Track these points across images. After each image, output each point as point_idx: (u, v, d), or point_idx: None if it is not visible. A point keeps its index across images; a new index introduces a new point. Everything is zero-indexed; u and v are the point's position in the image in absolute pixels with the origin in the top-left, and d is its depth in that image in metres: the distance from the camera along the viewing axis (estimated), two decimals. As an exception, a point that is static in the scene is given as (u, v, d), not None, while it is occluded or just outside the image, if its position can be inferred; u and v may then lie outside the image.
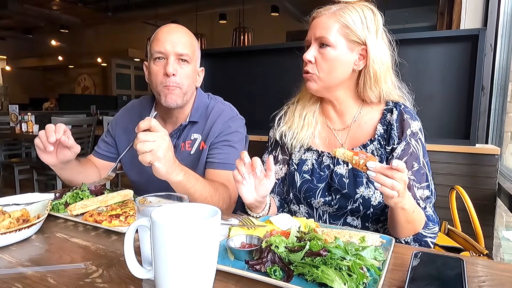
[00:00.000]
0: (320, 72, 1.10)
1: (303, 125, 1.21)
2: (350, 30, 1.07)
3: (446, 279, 0.65)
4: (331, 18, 1.09)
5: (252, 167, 0.96)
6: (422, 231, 1.01)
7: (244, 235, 0.81)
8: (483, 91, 2.04)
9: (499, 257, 1.89)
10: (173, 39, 1.25)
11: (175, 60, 1.25)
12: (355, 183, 1.11)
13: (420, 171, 1.07)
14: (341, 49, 1.08)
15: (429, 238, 1.02)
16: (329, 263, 0.65)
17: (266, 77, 2.47)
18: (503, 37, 2.13)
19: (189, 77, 1.29)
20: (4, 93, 13.56)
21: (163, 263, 0.57)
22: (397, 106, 1.14)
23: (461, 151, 1.92)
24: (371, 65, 1.08)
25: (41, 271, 0.71)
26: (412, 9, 6.93)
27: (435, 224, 1.04)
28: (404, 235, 1.01)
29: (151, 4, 8.23)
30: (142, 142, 0.93)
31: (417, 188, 1.06)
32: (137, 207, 0.69)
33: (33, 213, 0.98)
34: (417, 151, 1.08)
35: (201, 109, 1.38)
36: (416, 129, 1.11)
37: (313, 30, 1.11)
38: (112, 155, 1.48)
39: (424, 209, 1.04)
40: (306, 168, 1.19)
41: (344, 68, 1.10)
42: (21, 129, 4.48)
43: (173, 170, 1.01)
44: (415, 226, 0.99)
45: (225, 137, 1.33)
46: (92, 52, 12.30)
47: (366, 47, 1.08)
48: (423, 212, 1.02)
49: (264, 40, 7.21)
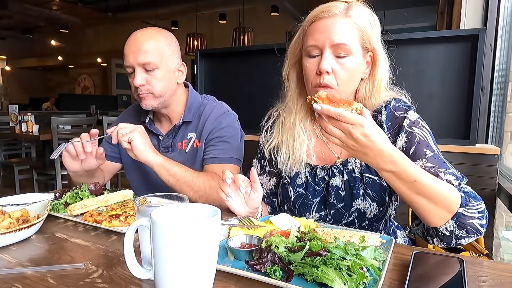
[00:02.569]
0: (340, 84, 0.97)
1: (295, 148, 1.09)
2: (365, 35, 0.97)
3: (446, 279, 0.65)
4: (347, 20, 0.95)
5: (235, 185, 0.94)
6: (463, 211, 0.84)
7: (244, 235, 0.81)
8: (483, 91, 2.04)
9: (499, 257, 1.89)
10: (134, 50, 1.25)
11: (141, 70, 1.26)
12: (352, 195, 1.04)
13: (438, 158, 0.94)
14: (358, 56, 0.97)
15: (475, 219, 0.85)
16: (329, 263, 0.65)
17: (266, 77, 2.47)
18: (503, 37, 2.13)
19: (160, 81, 1.29)
20: (4, 93, 13.56)
21: (163, 263, 0.57)
22: (387, 106, 1.05)
23: (461, 151, 1.92)
24: (377, 72, 1.00)
25: (41, 271, 0.71)
26: (412, 9, 6.93)
27: (478, 200, 0.87)
28: (436, 217, 0.85)
29: (151, 4, 8.23)
30: (123, 128, 1.16)
31: (444, 173, 0.91)
32: (137, 207, 0.69)
33: (33, 213, 0.98)
34: (425, 138, 0.97)
35: (194, 108, 1.40)
36: (414, 118, 1.01)
37: (325, 34, 0.95)
38: (116, 155, 1.52)
39: (459, 186, 0.89)
40: (299, 182, 1.11)
41: (358, 78, 1.01)
42: (21, 129, 4.48)
43: (150, 151, 1.19)
44: (439, 199, 0.83)
45: (218, 133, 1.36)
46: (92, 52, 12.29)
47: (374, 53, 1.00)
48: (445, 183, 0.87)
49: (264, 40, 7.20)
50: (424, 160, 0.94)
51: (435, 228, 0.88)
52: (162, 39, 1.30)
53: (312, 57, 0.99)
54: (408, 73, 2.06)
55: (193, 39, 7.60)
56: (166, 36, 1.32)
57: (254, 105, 2.44)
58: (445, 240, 0.89)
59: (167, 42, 1.32)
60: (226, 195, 0.95)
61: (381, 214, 1.05)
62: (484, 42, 1.89)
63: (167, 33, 1.35)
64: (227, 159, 1.33)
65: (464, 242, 0.87)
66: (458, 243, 0.87)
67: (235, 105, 1.48)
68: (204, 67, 2.70)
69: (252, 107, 2.29)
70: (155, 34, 1.30)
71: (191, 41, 7.57)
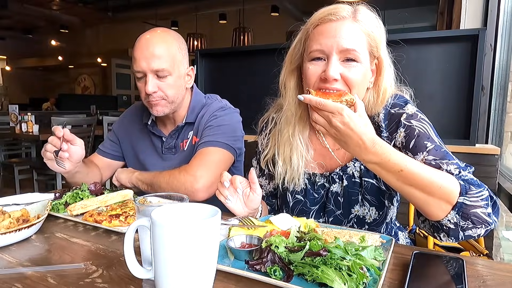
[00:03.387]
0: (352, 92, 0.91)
1: (293, 162, 1.05)
2: (374, 41, 0.92)
3: (446, 279, 0.65)
4: (355, 24, 0.90)
5: (233, 187, 0.94)
6: (463, 200, 0.79)
7: (244, 235, 0.81)
8: (483, 91, 2.04)
9: (499, 257, 1.89)
10: (147, 55, 1.20)
11: (153, 77, 1.22)
12: (350, 202, 1.03)
13: (440, 150, 0.90)
14: (366, 64, 0.92)
15: (479, 208, 0.79)
16: (329, 263, 0.65)
17: (266, 77, 2.46)
18: (503, 37, 2.13)
19: (172, 87, 1.26)
20: (4, 93, 13.56)
21: (163, 263, 0.57)
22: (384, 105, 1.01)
23: (461, 151, 1.92)
24: (382, 81, 0.96)
25: (41, 271, 0.71)
26: (412, 9, 6.93)
27: (481, 187, 0.82)
28: (435, 209, 0.81)
29: (151, 4, 8.23)
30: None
31: (446, 164, 0.86)
32: (137, 207, 0.69)
33: (33, 213, 0.98)
34: (425, 130, 0.93)
35: (197, 109, 1.39)
36: (411, 111, 0.96)
37: (332, 38, 0.89)
38: (117, 153, 1.51)
39: (458, 174, 0.84)
40: (298, 189, 1.08)
41: (366, 86, 0.96)
42: (21, 129, 4.48)
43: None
44: (434, 188, 0.79)
45: (210, 122, 1.33)
46: (92, 52, 12.29)
47: (379, 61, 0.95)
48: (439, 173, 0.82)
49: (264, 40, 7.20)
50: (426, 153, 0.90)
51: (438, 222, 0.83)
52: (174, 42, 1.26)
53: (315, 61, 0.92)
54: (408, 73, 2.05)
55: (193, 39, 7.61)
56: (176, 39, 1.28)
57: (254, 105, 2.44)
58: (452, 234, 0.82)
59: (178, 45, 1.27)
60: (224, 198, 0.95)
61: (381, 218, 1.05)
62: (484, 42, 1.89)
63: (177, 35, 1.31)
64: (216, 143, 1.27)
65: (473, 233, 0.81)
66: (467, 236, 0.82)
67: (235, 105, 1.48)
68: (204, 67, 2.70)
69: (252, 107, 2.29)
70: (166, 37, 1.24)
71: (191, 41, 7.58)
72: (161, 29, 1.29)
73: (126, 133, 1.49)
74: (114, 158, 1.51)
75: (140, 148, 1.45)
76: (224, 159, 1.28)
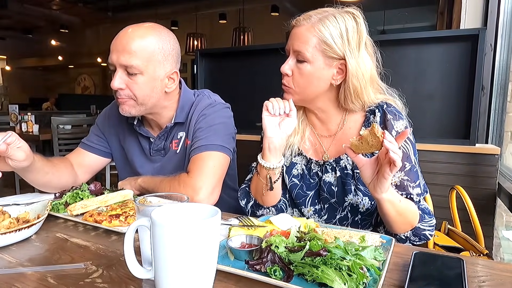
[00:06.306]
0: (296, 86, 1.08)
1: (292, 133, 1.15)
2: (329, 46, 1.02)
3: (446, 279, 0.65)
4: (309, 31, 1.03)
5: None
6: (420, 225, 1.02)
7: (244, 235, 0.81)
8: (483, 91, 2.04)
9: (499, 257, 1.89)
10: (119, 48, 1.12)
11: (122, 72, 1.14)
12: (344, 191, 1.10)
13: (413, 170, 1.06)
14: (318, 64, 1.05)
15: (427, 231, 1.03)
16: (329, 263, 0.65)
17: (266, 77, 2.47)
18: (503, 37, 2.13)
19: (142, 88, 1.16)
20: (4, 93, 13.56)
21: (163, 263, 0.57)
22: (379, 107, 1.10)
23: (461, 151, 1.92)
24: (350, 80, 1.05)
25: (41, 271, 0.71)
26: (412, 9, 6.93)
27: (431, 216, 1.05)
28: (401, 229, 1.02)
29: (151, 4, 8.23)
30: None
31: (412, 187, 1.05)
32: (137, 207, 0.69)
33: (33, 213, 0.98)
34: (407, 150, 1.06)
35: (186, 108, 1.31)
36: (401, 129, 1.07)
37: (291, 41, 1.07)
38: (106, 149, 1.42)
39: (419, 203, 1.05)
40: (295, 172, 1.18)
41: (320, 83, 1.07)
42: (21, 129, 4.49)
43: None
44: (408, 218, 1.00)
45: (201, 123, 1.26)
46: (92, 52, 12.27)
47: (345, 62, 1.04)
48: (412, 204, 1.02)
49: (264, 40, 7.19)
50: (402, 173, 1.06)
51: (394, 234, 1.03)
52: (156, 40, 1.16)
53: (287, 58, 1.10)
54: (408, 73, 2.06)
55: (193, 39, 7.60)
56: (162, 38, 1.17)
57: (254, 105, 2.45)
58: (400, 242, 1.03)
59: (161, 45, 1.17)
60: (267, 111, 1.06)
61: (373, 207, 1.10)
62: (484, 42, 1.89)
63: (166, 34, 1.20)
64: (210, 146, 1.21)
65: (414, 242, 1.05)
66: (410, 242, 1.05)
67: (235, 105, 1.46)
68: (204, 67, 2.69)
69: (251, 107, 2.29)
70: (149, 33, 1.15)
71: (191, 41, 7.56)
72: (151, 24, 1.20)
73: (114, 130, 1.40)
74: (102, 154, 1.41)
75: (127, 148, 1.38)
76: (220, 163, 1.22)
